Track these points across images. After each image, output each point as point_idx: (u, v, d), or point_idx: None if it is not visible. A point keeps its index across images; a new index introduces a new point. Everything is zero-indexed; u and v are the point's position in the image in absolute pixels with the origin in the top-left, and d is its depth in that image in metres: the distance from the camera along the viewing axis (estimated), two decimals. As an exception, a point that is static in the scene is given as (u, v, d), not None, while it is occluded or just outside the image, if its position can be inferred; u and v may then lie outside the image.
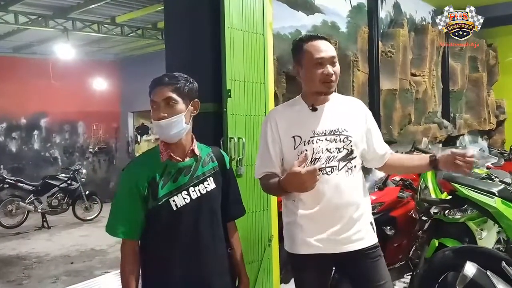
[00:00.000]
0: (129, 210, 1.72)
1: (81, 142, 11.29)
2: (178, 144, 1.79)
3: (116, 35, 8.12)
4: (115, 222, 1.74)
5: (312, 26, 4.64)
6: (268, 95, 3.15)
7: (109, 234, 1.77)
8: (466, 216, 2.95)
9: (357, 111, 2.02)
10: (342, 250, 1.93)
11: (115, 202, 1.77)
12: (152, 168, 1.75)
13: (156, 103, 1.74)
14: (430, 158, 1.95)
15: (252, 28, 3.05)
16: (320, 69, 1.91)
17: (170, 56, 3.32)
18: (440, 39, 7.12)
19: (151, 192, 1.72)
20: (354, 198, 1.93)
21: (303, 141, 1.93)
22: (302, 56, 1.95)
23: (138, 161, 1.84)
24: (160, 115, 1.72)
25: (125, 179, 1.76)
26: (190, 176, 1.78)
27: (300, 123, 1.96)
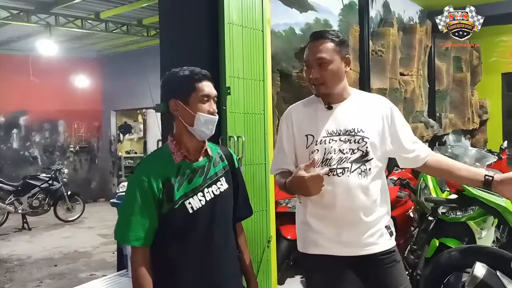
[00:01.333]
0: (143, 215, 1.60)
1: (61, 141, 11.00)
2: (196, 144, 1.71)
3: (100, 31, 7.91)
4: (126, 229, 1.61)
5: (305, 23, 4.61)
6: (267, 93, 3.08)
7: (121, 243, 1.68)
8: (467, 216, 2.94)
9: (378, 111, 1.91)
10: (352, 253, 1.87)
11: (126, 207, 1.65)
12: (165, 169, 1.65)
13: (210, 97, 1.69)
14: (485, 178, 1.77)
15: (251, 24, 2.97)
16: (307, 71, 1.89)
17: (165, 52, 3.21)
18: (427, 39, 7.18)
19: (165, 195, 1.62)
20: (366, 202, 1.84)
21: (315, 141, 1.87)
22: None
23: (149, 163, 1.71)
24: (215, 110, 1.69)
25: (136, 182, 1.64)
26: (204, 176, 1.70)
27: (314, 121, 1.90)
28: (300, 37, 4.49)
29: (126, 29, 8.09)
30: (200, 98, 1.67)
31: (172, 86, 1.71)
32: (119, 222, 1.67)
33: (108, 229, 7.69)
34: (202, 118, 1.65)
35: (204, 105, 1.66)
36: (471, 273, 2.18)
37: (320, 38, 1.88)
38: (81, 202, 8.67)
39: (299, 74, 4.27)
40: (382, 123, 1.89)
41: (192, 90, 1.66)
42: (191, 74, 1.69)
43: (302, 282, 4.01)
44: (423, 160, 1.91)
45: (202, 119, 1.65)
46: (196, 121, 1.65)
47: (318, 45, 1.86)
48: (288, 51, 4.33)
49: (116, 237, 1.68)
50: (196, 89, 1.66)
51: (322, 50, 1.84)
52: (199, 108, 1.65)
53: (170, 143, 1.72)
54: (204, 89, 1.67)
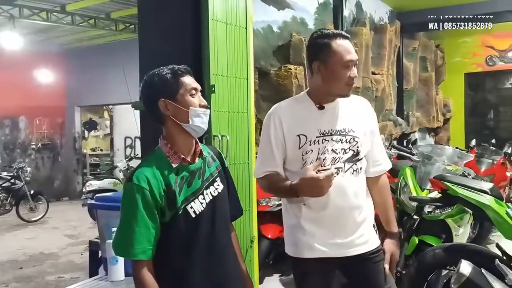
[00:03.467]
0: (147, 225, 1.51)
1: (22, 138, 10.57)
2: (189, 144, 1.65)
3: (67, 24, 7.62)
4: (130, 242, 1.50)
5: (282, 21, 4.60)
6: (250, 91, 3.04)
7: (123, 257, 1.59)
8: (446, 214, 3.01)
9: (364, 112, 1.95)
10: (346, 254, 1.87)
11: (126, 219, 1.54)
12: (163, 175, 1.57)
13: (197, 90, 1.62)
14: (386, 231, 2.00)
15: (235, 21, 2.92)
16: (347, 71, 1.82)
17: (144, 47, 3.12)
18: (396, 39, 7.34)
19: (167, 202, 1.54)
20: (358, 201, 1.87)
21: (308, 141, 1.85)
22: (329, 55, 1.83)
23: (147, 168, 1.58)
24: (206, 103, 1.62)
25: (135, 191, 1.52)
26: (201, 179, 1.65)
27: (306, 121, 1.87)
28: (278, 35, 4.48)
29: (94, 22, 7.84)
30: (188, 91, 1.60)
31: (157, 86, 1.61)
32: (121, 235, 1.56)
33: (73, 230, 7.47)
34: (195, 112, 1.59)
35: (193, 98, 1.60)
36: (457, 271, 2.22)
37: (348, 38, 1.88)
38: (45, 202, 8.38)
39: (278, 72, 4.25)
40: (366, 124, 1.93)
41: (179, 85, 1.59)
42: (172, 70, 1.62)
43: (281, 281, 4.01)
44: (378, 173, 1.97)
45: (195, 113, 1.59)
46: (190, 117, 1.58)
47: (351, 46, 1.86)
48: (266, 49, 4.30)
49: (117, 251, 1.57)
50: (183, 84, 1.59)
51: (355, 52, 1.86)
52: (190, 103, 1.59)
53: (163, 146, 1.64)
54: (189, 83, 1.61)
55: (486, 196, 2.29)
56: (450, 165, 3.38)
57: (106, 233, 2.82)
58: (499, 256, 2.29)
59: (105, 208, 2.86)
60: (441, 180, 2.47)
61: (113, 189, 7.80)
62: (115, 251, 1.59)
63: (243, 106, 2.98)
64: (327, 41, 1.83)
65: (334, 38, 1.83)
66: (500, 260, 2.24)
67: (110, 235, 2.45)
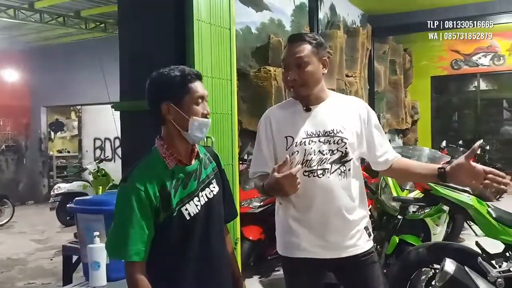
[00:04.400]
0: (141, 226, 1.48)
1: (-15, 139, 10.16)
2: (187, 147, 1.62)
3: (35, 22, 7.37)
4: (125, 243, 1.46)
5: (260, 23, 4.61)
6: (234, 92, 3.03)
7: (116, 258, 1.54)
8: (425, 213, 3.09)
9: (356, 112, 1.92)
10: (334, 255, 1.87)
11: (121, 219, 1.51)
12: (159, 176, 1.54)
13: (203, 98, 1.58)
14: (438, 171, 1.76)
15: (219, 22, 2.91)
16: (285, 74, 1.88)
17: (124, 47, 3.05)
18: (368, 42, 7.49)
19: (162, 203, 1.52)
20: (346, 203, 1.85)
21: (295, 142, 1.86)
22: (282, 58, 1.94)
23: (142, 169, 1.56)
24: (209, 112, 1.58)
25: (131, 192, 1.49)
26: (197, 180, 1.62)
27: (294, 123, 1.89)
28: (256, 36, 4.48)
29: (63, 20, 7.61)
30: (195, 100, 1.56)
31: (163, 88, 1.57)
32: (115, 236, 1.52)
33: (41, 234, 7.23)
34: (197, 122, 1.55)
35: (198, 107, 1.56)
36: (441, 269, 2.27)
37: (297, 41, 1.87)
38: (10, 205, 8.06)
39: (257, 74, 4.25)
40: (359, 124, 1.90)
41: (186, 91, 1.55)
42: (182, 74, 1.57)
43: (261, 282, 4.01)
44: (390, 163, 1.95)
45: (196, 124, 1.55)
46: (190, 126, 1.55)
47: (296, 46, 1.85)
48: (245, 50, 4.30)
49: (111, 253, 1.53)
50: (190, 91, 1.55)
51: (299, 51, 1.84)
52: (193, 111, 1.55)
53: (160, 147, 1.60)
54: (197, 90, 1.56)
55: (469, 196, 2.37)
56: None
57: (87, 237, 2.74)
58: (481, 254, 2.36)
59: (85, 212, 2.77)
60: (424, 180, 2.53)
61: (82, 192, 7.61)
62: (108, 252, 1.56)
63: (227, 108, 2.96)
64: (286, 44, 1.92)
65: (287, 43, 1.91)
66: (482, 258, 2.32)
67: (91, 240, 2.38)
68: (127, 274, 1.50)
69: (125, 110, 3.07)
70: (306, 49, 1.84)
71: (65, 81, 9.48)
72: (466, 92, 10.69)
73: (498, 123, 10.40)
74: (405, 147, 5.19)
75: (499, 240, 2.32)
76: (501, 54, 9.67)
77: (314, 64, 1.85)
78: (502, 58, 9.66)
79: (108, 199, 2.48)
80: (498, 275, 2.25)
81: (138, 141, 2.98)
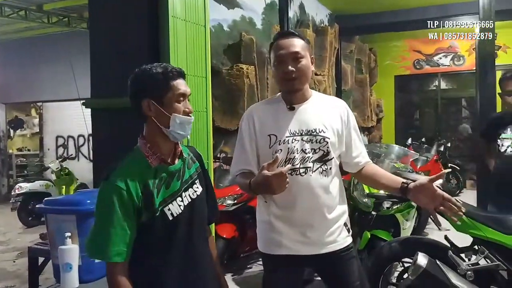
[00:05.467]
0: (123, 227, 1.46)
1: None
2: (170, 146, 1.60)
3: (-6, 15, 7.07)
4: (106, 243, 1.44)
5: (232, 20, 4.59)
6: (209, 90, 3.01)
7: (97, 259, 1.50)
8: (395, 209, 3.18)
9: (337, 112, 1.96)
10: (314, 252, 1.91)
11: (102, 219, 1.48)
12: (142, 175, 1.52)
13: (186, 95, 1.56)
14: (401, 184, 1.82)
15: (194, 19, 2.88)
16: (280, 67, 1.87)
17: (96, 43, 2.97)
18: (335, 42, 7.60)
19: (144, 203, 1.49)
20: (327, 201, 1.89)
21: (278, 140, 1.87)
22: (271, 56, 1.94)
23: (123, 169, 1.53)
24: (192, 110, 1.56)
25: (113, 190, 1.47)
26: (180, 180, 1.61)
27: (277, 121, 1.91)
28: (228, 34, 4.46)
29: (25, 14, 7.31)
30: (176, 97, 1.54)
31: (144, 85, 1.55)
32: (95, 236, 1.49)
33: (2, 236, 6.94)
34: (178, 119, 1.53)
35: (179, 104, 1.55)
36: (414, 262, 2.35)
37: (291, 35, 1.90)
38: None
39: (230, 71, 4.24)
40: (340, 124, 1.94)
41: (167, 89, 1.54)
42: (165, 71, 1.56)
43: (234, 280, 4.01)
44: (359, 167, 2.00)
45: (178, 120, 1.53)
46: (171, 123, 1.53)
47: (291, 40, 1.87)
48: (217, 48, 4.27)
49: (91, 253, 1.50)
50: (171, 88, 1.54)
51: (295, 45, 1.86)
52: (174, 109, 1.53)
53: (143, 146, 1.58)
54: (179, 88, 1.55)
55: (440, 191, 2.45)
56: (397, 163, 3.58)
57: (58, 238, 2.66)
58: (451, 248, 2.46)
59: (56, 212, 2.69)
60: (397, 177, 2.60)
61: (45, 191, 7.36)
62: (88, 253, 1.52)
63: (203, 105, 2.94)
64: (272, 43, 1.93)
65: (277, 39, 1.92)
66: (452, 252, 2.41)
67: (62, 241, 2.32)
68: (108, 275, 1.48)
69: (97, 108, 2.99)
70: (300, 43, 1.87)
71: (25, 77, 9.15)
72: (428, 91, 11.04)
73: (457, 121, 10.80)
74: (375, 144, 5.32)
75: (469, 234, 2.42)
76: (461, 55, 10.04)
77: (308, 58, 1.89)
78: (462, 58, 10.04)
79: (80, 199, 2.42)
80: (468, 268, 2.35)
81: (111, 139, 2.92)
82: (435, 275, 2.28)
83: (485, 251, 2.37)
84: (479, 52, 5.50)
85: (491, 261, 2.36)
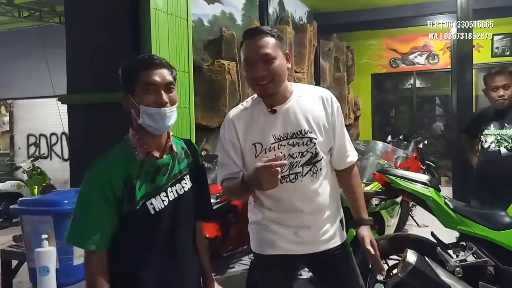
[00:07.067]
0: (102, 216, 1.43)
1: None
2: (157, 139, 1.53)
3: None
4: (83, 231, 1.43)
5: (212, 15, 4.51)
6: (191, 85, 2.92)
7: (76, 246, 1.53)
8: (381, 206, 3.16)
9: (322, 106, 1.83)
10: (309, 251, 1.86)
11: (81, 207, 1.45)
12: (126, 166, 1.47)
13: (156, 85, 1.46)
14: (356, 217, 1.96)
15: (176, 12, 2.79)
16: (250, 71, 1.74)
17: (73, 38, 2.85)
18: (314, 39, 7.59)
19: (126, 194, 1.45)
20: (321, 203, 1.82)
21: (264, 148, 1.77)
22: (241, 57, 1.80)
23: (108, 159, 1.50)
24: (163, 100, 1.45)
25: (94, 180, 1.44)
26: (168, 175, 1.55)
27: (260, 128, 1.79)
28: (208, 29, 4.38)
29: (-7, 8, 7.05)
30: (143, 87, 1.46)
31: (121, 77, 1.52)
32: (73, 223, 1.46)
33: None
34: (146, 111, 1.46)
35: (148, 95, 1.46)
36: (403, 259, 2.32)
37: (258, 34, 1.74)
38: None
39: (211, 67, 4.16)
40: (326, 119, 1.82)
41: (136, 79, 1.47)
42: (137, 61, 1.50)
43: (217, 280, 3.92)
44: (345, 165, 1.93)
45: (147, 112, 1.46)
46: (140, 115, 1.47)
47: (259, 41, 1.72)
48: (197, 43, 4.18)
49: (68, 239, 1.47)
50: (139, 78, 1.47)
51: (265, 46, 1.70)
52: (142, 100, 1.46)
53: (132, 136, 1.52)
54: (148, 77, 1.46)
55: (427, 188, 2.44)
56: (381, 160, 3.57)
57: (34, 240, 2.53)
58: (439, 244, 2.45)
59: (31, 213, 2.57)
60: (385, 173, 2.57)
61: (17, 192, 7.11)
62: (67, 240, 1.48)
63: (185, 101, 2.86)
64: (241, 42, 1.78)
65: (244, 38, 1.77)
66: (440, 248, 2.40)
67: (38, 243, 2.21)
68: (85, 263, 1.47)
69: (74, 104, 2.87)
70: (270, 42, 1.71)
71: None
72: (403, 90, 11.19)
73: (431, 119, 10.99)
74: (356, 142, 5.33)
75: (456, 230, 2.41)
76: (435, 54, 10.19)
77: (280, 58, 1.73)
78: (437, 57, 10.20)
79: (57, 199, 2.34)
80: (456, 264, 2.34)
81: (88, 136, 2.81)
82: (424, 272, 2.27)
83: (473, 247, 2.37)
84: (458, 51, 5.57)
85: (479, 257, 2.36)
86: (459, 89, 5.47)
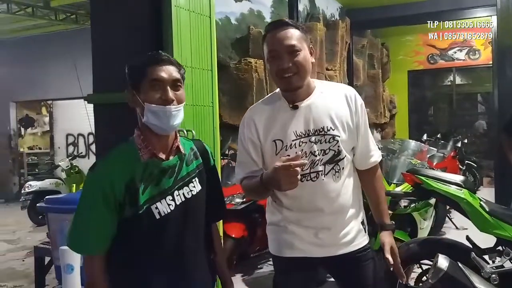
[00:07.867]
0: (102, 219, 1.39)
1: (-51, 136, 9.71)
2: (163, 139, 1.48)
3: (1, 12, 7.02)
4: (83, 235, 1.41)
5: (240, 13, 4.48)
6: (215, 83, 2.88)
7: (75, 251, 1.46)
8: (412, 208, 3.02)
9: (345, 103, 1.76)
10: (329, 254, 1.78)
11: (82, 211, 1.42)
12: (129, 168, 1.41)
13: (162, 83, 1.41)
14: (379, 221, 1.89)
15: (199, 9, 2.75)
16: (275, 63, 1.68)
17: (98, 37, 2.87)
18: (347, 36, 7.42)
19: (128, 198, 1.39)
20: (342, 203, 1.74)
21: (285, 145, 1.71)
22: (263, 51, 1.73)
23: (110, 160, 1.45)
24: (169, 97, 1.40)
25: (95, 182, 1.41)
26: (174, 178, 1.48)
27: (281, 124, 1.73)
28: (236, 27, 4.35)
29: (32, 11, 7.26)
30: (149, 83, 1.41)
31: (127, 74, 1.47)
32: (74, 228, 1.43)
33: (12, 234, 6.93)
34: (150, 108, 1.40)
35: (153, 92, 1.41)
36: (434, 265, 2.19)
37: (283, 26, 1.69)
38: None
39: (238, 66, 4.12)
40: (349, 116, 1.74)
41: (142, 76, 1.42)
42: (145, 58, 1.45)
43: (244, 281, 3.90)
44: (368, 165, 1.83)
45: (149, 110, 1.40)
46: (145, 113, 1.41)
47: (284, 32, 1.67)
48: (224, 41, 4.15)
49: (70, 245, 1.45)
50: (146, 74, 1.42)
51: (290, 37, 1.66)
52: (147, 97, 1.41)
53: (137, 137, 1.47)
54: (153, 73, 1.41)
55: (461, 189, 2.30)
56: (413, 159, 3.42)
57: (59, 238, 2.57)
58: (474, 249, 2.30)
59: (57, 211, 2.61)
60: (415, 173, 2.44)
61: (55, 190, 7.34)
62: (67, 243, 1.46)
63: (208, 99, 2.82)
64: (264, 35, 1.72)
65: (268, 31, 1.70)
66: (475, 253, 2.25)
67: (63, 241, 2.22)
68: (85, 267, 1.46)
69: (98, 103, 2.89)
70: (295, 34, 1.66)
71: (35, 75, 9.14)
72: (442, 86, 10.82)
73: (472, 117, 10.56)
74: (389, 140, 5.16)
75: (492, 234, 2.25)
76: (476, 49, 9.78)
77: (305, 50, 1.67)
78: (478, 52, 9.78)
79: (81, 198, 2.35)
80: (492, 270, 2.18)
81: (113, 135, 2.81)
82: (457, 279, 2.12)
83: (510, 253, 2.20)
84: (498, 45, 5.29)
85: (517, 263, 2.21)
86: (500, 85, 5.19)
